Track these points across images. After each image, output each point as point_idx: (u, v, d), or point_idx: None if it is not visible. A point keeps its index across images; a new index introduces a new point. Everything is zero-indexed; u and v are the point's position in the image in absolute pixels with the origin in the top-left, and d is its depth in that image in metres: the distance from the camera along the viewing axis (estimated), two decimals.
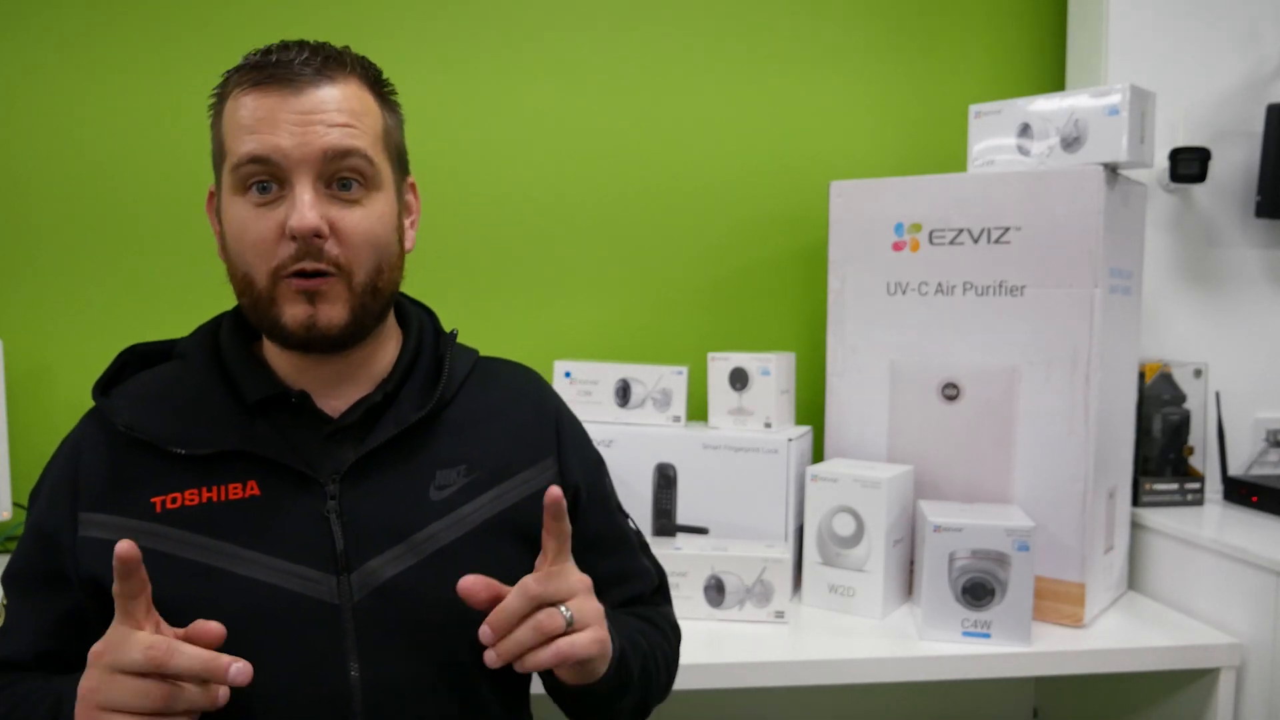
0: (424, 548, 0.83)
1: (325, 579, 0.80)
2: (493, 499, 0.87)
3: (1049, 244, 1.32)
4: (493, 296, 1.65)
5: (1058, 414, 1.32)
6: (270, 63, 0.79)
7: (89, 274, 1.57)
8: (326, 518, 0.81)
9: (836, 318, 1.49)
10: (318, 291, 0.79)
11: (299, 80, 0.79)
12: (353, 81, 0.82)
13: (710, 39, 1.68)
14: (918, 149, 1.73)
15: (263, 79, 0.79)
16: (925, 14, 1.73)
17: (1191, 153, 1.52)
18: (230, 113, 0.80)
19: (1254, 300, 1.62)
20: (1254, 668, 1.25)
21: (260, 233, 0.79)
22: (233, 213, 0.80)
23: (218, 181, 0.84)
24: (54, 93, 1.55)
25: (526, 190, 1.66)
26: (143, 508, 0.80)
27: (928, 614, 1.25)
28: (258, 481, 0.81)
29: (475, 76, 1.63)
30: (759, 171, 1.71)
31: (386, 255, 0.83)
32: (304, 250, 0.78)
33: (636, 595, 0.98)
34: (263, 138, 0.78)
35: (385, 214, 0.83)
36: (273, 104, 0.78)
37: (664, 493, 1.46)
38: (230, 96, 0.81)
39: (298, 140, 0.77)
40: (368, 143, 0.81)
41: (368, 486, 0.83)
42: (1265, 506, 1.48)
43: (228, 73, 0.83)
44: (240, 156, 0.78)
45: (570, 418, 1.00)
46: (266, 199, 0.79)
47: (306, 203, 0.78)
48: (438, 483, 0.86)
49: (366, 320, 0.83)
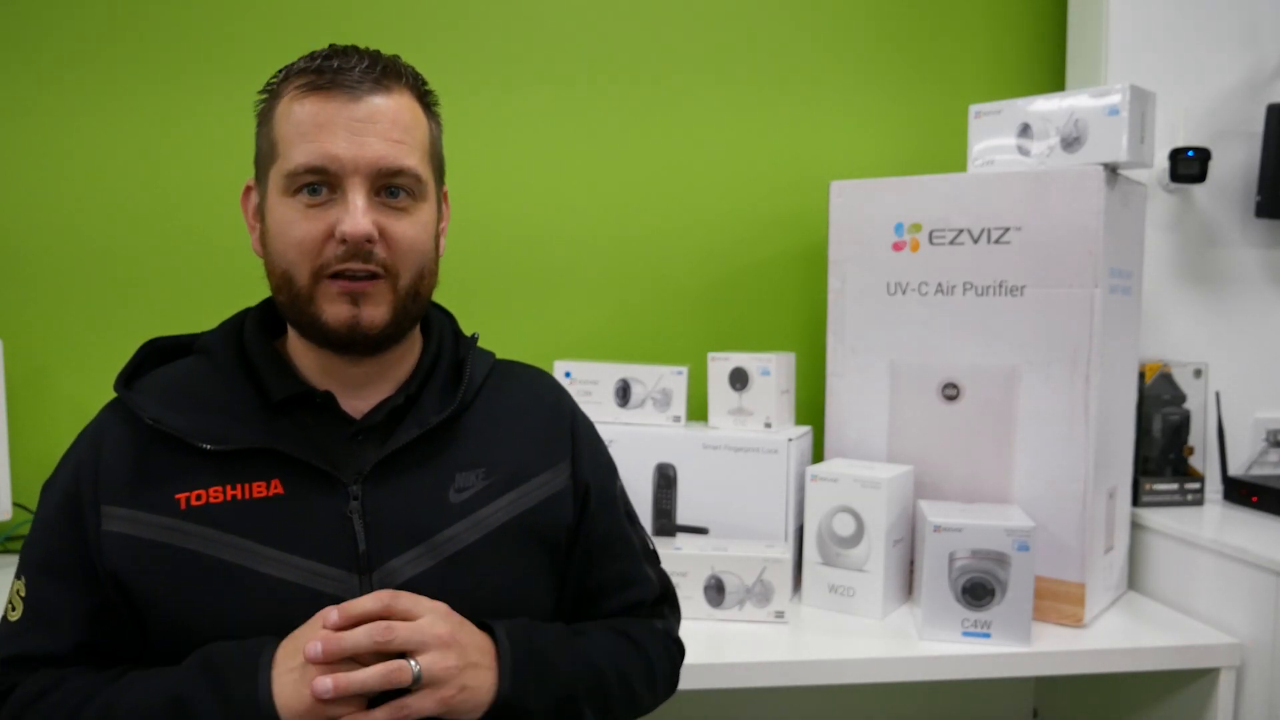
0: (444, 549, 0.83)
1: (348, 578, 0.80)
2: (510, 502, 0.88)
3: (1049, 244, 1.32)
4: (493, 296, 1.65)
5: (1058, 414, 1.32)
6: (331, 69, 0.80)
7: (89, 274, 1.57)
8: (349, 518, 0.82)
9: (836, 318, 1.49)
10: (363, 293, 0.81)
11: (358, 89, 0.80)
12: (406, 93, 0.84)
13: (710, 39, 1.68)
14: (918, 149, 1.73)
15: (322, 84, 0.80)
16: (925, 15, 1.73)
17: (1191, 153, 1.52)
18: (285, 115, 0.81)
19: (1254, 300, 1.62)
20: (1254, 668, 1.25)
21: (308, 232, 0.80)
22: (280, 212, 0.81)
23: (261, 178, 0.85)
24: (54, 92, 1.55)
25: (527, 190, 1.66)
26: (168, 504, 0.79)
27: (928, 614, 1.25)
28: (281, 480, 0.81)
29: (476, 76, 1.63)
30: (759, 172, 1.71)
31: (428, 262, 0.86)
32: (351, 252, 0.80)
33: (636, 602, 0.97)
34: (320, 146, 0.79)
35: (429, 223, 0.85)
36: (331, 111, 0.79)
37: (664, 493, 1.46)
38: (285, 97, 0.82)
39: (354, 149, 0.79)
40: (417, 158, 0.83)
41: (389, 488, 0.83)
42: (1265, 506, 1.48)
43: (283, 71, 0.84)
44: (297, 165, 0.79)
45: (585, 421, 1.00)
46: (316, 201, 0.80)
47: (360, 208, 0.79)
48: (457, 485, 0.86)
49: (405, 323, 0.85)
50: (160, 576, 0.78)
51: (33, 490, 1.54)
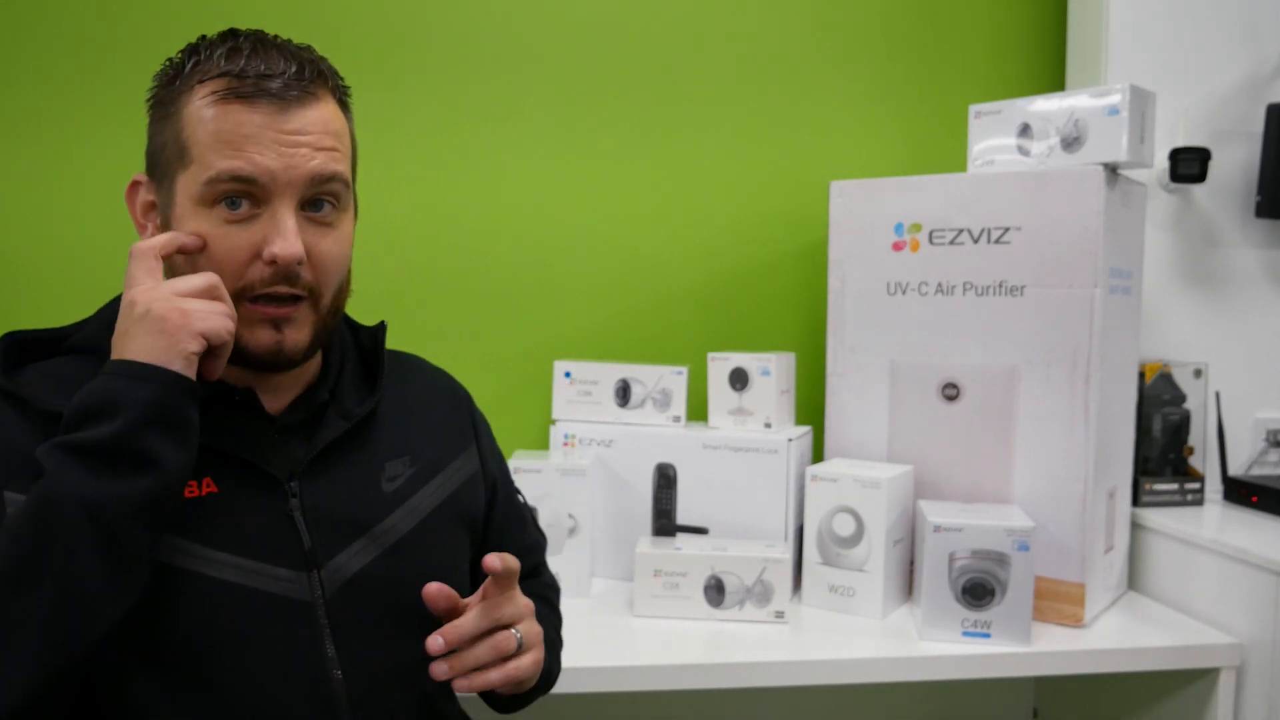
0: (384, 539, 0.85)
1: (297, 577, 0.80)
2: (436, 488, 0.90)
3: (1049, 244, 1.32)
4: (493, 296, 1.65)
5: (1058, 414, 1.32)
6: (254, 73, 0.76)
7: (89, 273, 1.57)
8: (291, 515, 0.81)
9: (836, 318, 1.49)
10: (287, 318, 0.79)
11: (285, 98, 0.76)
12: (329, 97, 0.81)
13: (711, 39, 1.68)
14: (918, 149, 1.73)
15: (245, 91, 0.75)
16: (925, 14, 1.73)
17: (1191, 153, 1.52)
18: (198, 117, 0.76)
19: (1254, 300, 1.62)
20: (1254, 668, 1.25)
21: (229, 251, 0.76)
22: (192, 225, 0.77)
23: (163, 179, 0.79)
24: (55, 94, 1.55)
25: (526, 190, 1.66)
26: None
27: (928, 614, 1.25)
28: (213, 478, 0.78)
29: (475, 75, 1.63)
30: (759, 172, 1.70)
31: (346, 275, 0.86)
32: (280, 275, 0.77)
33: (537, 563, 1.07)
34: (250, 157, 0.75)
35: (349, 234, 0.85)
36: (260, 121, 0.75)
37: (664, 493, 1.46)
38: (197, 96, 0.76)
39: (285, 163, 0.76)
40: (345, 166, 0.82)
41: (324, 482, 0.83)
42: (1265, 506, 1.48)
43: (186, 58, 0.78)
44: (220, 172, 0.75)
45: (477, 407, 1.04)
46: (237, 215, 0.76)
47: (291, 230, 0.76)
48: (388, 475, 0.88)
49: (324, 338, 0.84)
50: None
51: None
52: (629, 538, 1.45)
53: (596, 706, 1.58)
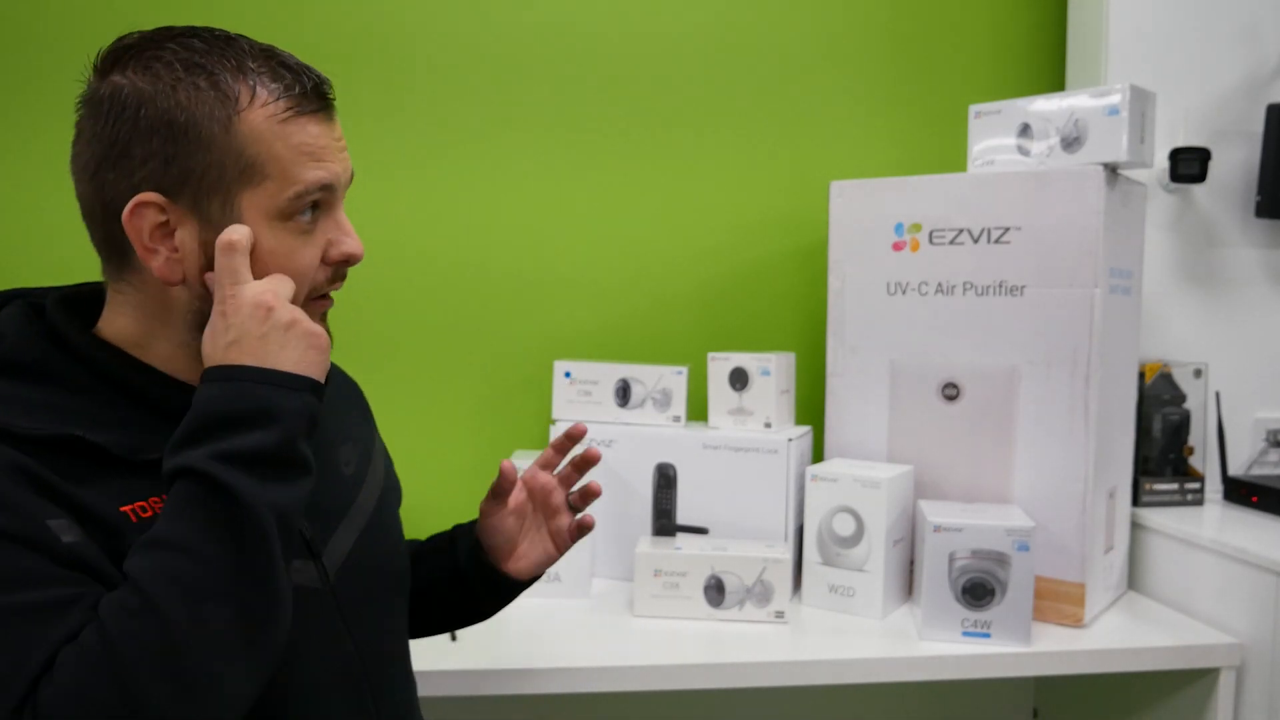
0: (358, 520, 0.88)
1: (306, 566, 0.82)
2: (375, 467, 0.95)
3: (1049, 244, 1.32)
4: (493, 296, 1.65)
5: (1058, 414, 1.32)
6: (315, 84, 0.78)
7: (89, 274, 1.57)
8: None
9: (836, 318, 1.49)
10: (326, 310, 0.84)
11: (331, 108, 0.80)
12: None
13: (711, 39, 1.68)
14: (918, 149, 1.73)
15: (316, 107, 0.78)
16: (925, 14, 1.73)
17: (1191, 153, 1.52)
18: (272, 134, 0.75)
19: (1254, 300, 1.62)
20: (1254, 668, 1.25)
21: (309, 259, 0.79)
22: (269, 240, 0.76)
23: (209, 201, 0.76)
24: (55, 93, 1.55)
25: (526, 190, 1.66)
26: (115, 516, 0.70)
27: (928, 614, 1.25)
28: None
29: (477, 74, 1.63)
30: (759, 172, 1.71)
31: None
32: (339, 274, 0.81)
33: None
34: (329, 167, 0.78)
35: None
36: (324, 131, 0.78)
37: (664, 493, 1.46)
38: (259, 113, 0.75)
39: (344, 167, 0.80)
40: None
41: None
42: (1265, 506, 1.48)
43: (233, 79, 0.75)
44: (310, 184, 0.76)
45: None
46: (307, 224, 0.78)
47: (351, 227, 0.81)
48: (342, 460, 0.91)
49: None
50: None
51: None
52: (629, 538, 1.45)
53: (596, 706, 1.58)
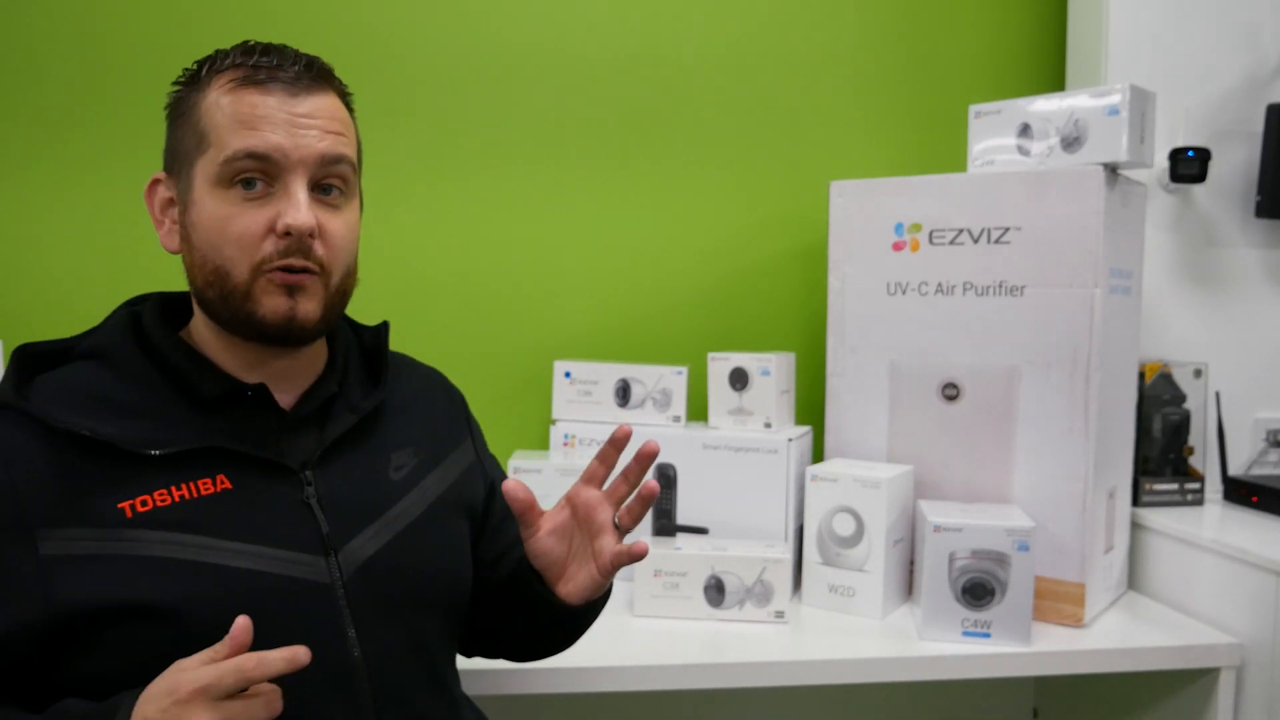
0: (394, 525, 0.88)
1: (315, 561, 0.82)
2: (438, 477, 0.95)
3: (1049, 244, 1.32)
4: (493, 296, 1.65)
5: (1058, 414, 1.32)
6: (267, 64, 0.82)
7: (89, 273, 1.57)
8: (308, 503, 0.84)
9: (836, 318, 1.49)
10: (300, 285, 0.82)
11: (297, 85, 0.82)
12: (335, 94, 0.86)
13: (711, 38, 1.68)
14: (918, 149, 1.73)
15: (259, 79, 0.81)
16: (925, 14, 1.73)
17: (1191, 153, 1.52)
18: (215, 106, 0.81)
19: (1254, 300, 1.62)
20: (1254, 668, 1.25)
21: (247, 227, 0.80)
22: (211, 206, 0.81)
23: (181, 170, 0.83)
24: (56, 92, 1.55)
25: (526, 190, 1.66)
26: (112, 514, 0.76)
27: (928, 614, 1.25)
28: (226, 474, 0.81)
29: (476, 75, 1.63)
30: (759, 171, 1.71)
31: (353, 260, 0.89)
32: (293, 247, 0.81)
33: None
34: (264, 135, 0.79)
35: (356, 222, 0.89)
36: (273, 104, 0.80)
37: (664, 493, 1.46)
38: (213, 89, 0.82)
39: (296, 142, 0.80)
40: (352, 152, 0.86)
41: (335, 472, 0.86)
42: (1265, 506, 1.48)
43: (202, 64, 0.84)
44: (236, 150, 0.79)
45: (468, 406, 1.09)
46: (253, 195, 0.80)
47: (304, 202, 0.81)
48: (394, 464, 0.92)
49: (332, 319, 0.87)
50: (120, 590, 0.74)
51: None
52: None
53: (596, 706, 1.58)
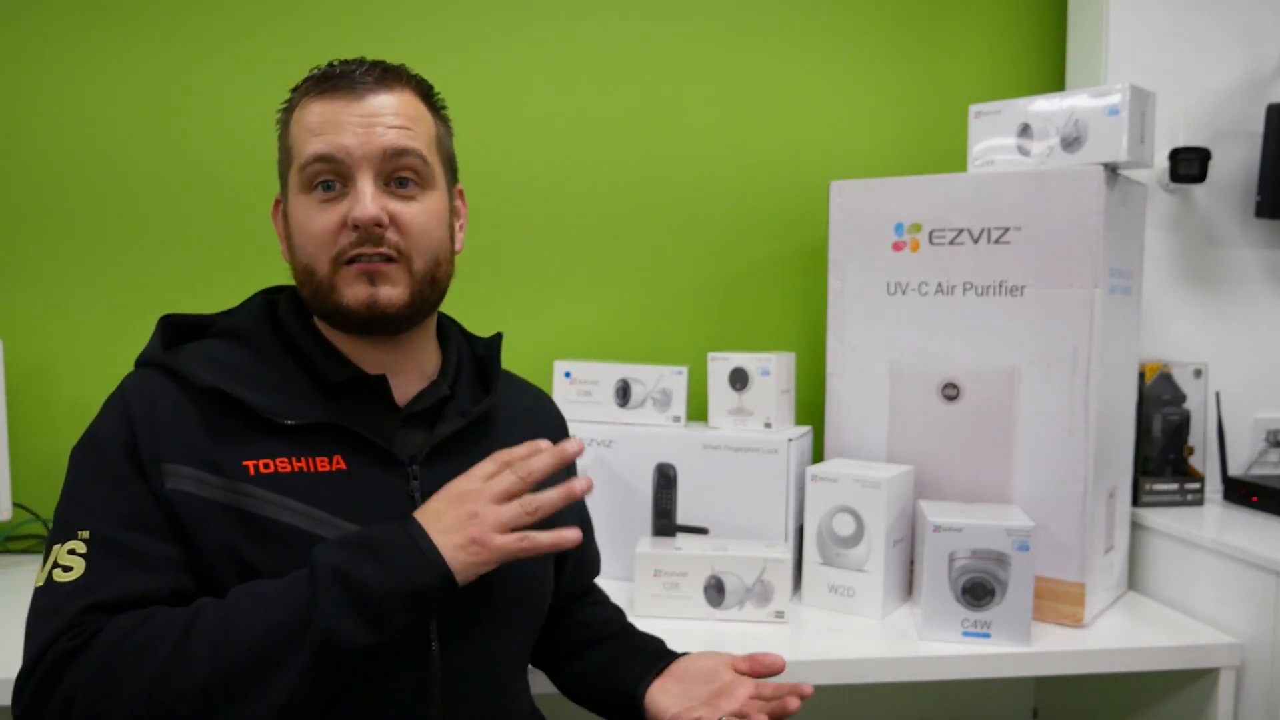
0: None
1: None
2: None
3: (1049, 244, 1.32)
4: (493, 296, 1.65)
5: (1058, 414, 1.32)
6: (334, 74, 0.87)
7: (89, 274, 1.57)
8: (412, 496, 0.87)
9: (836, 318, 1.49)
10: (378, 272, 0.86)
11: (360, 88, 0.86)
12: (408, 91, 0.90)
13: (710, 38, 1.68)
14: (918, 149, 1.73)
15: (328, 87, 0.87)
16: (925, 13, 1.73)
17: (1191, 153, 1.52)
18: (297, 120, 0.88)
19: (1254, 300, 1.62)
20: (1254, 668, 1.25)
21: (324, 224, 0.85)
22: (298, 210, 0.87)
23: (283, 188, 0.91)
24: (56, 90, 1.55)
25: (526, 191, 1.66)
26: (237, 469, 0.81)
27: (928, 614, 1.25)
28: (343, 456, 0.85)
29: (473, 75, 1.63)
30: (759, 171, 1.71)
31: (442, 249, 0.91)
32: (364, 237, 0.85)
33: (593, 575, 1.19)
34: (329, 139, 0.85)
35: (439, 211, 0.91)
36: (338, 108, 0.86)
37: (664, 493, 1.46)
38: (297, 107, 0.89)
39: (360, 140, 0.85)
40: (422, 144, 0.89)
41: (440, 470, 0.88)
42: (1265, 506, 1.48)
43: (294, 89, 0.91)
44: (307, 156, 0.85)
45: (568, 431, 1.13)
46: (330, 196, 0.86)
47: (368, 195, 0.84)
48: None
49: (424, 307, 0.90)
50: (231, 539, 0.80)
51: (33, 490, 1.55)
52: (629, 538, 1.45)
53: None
